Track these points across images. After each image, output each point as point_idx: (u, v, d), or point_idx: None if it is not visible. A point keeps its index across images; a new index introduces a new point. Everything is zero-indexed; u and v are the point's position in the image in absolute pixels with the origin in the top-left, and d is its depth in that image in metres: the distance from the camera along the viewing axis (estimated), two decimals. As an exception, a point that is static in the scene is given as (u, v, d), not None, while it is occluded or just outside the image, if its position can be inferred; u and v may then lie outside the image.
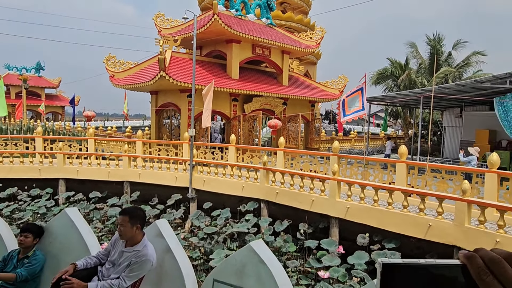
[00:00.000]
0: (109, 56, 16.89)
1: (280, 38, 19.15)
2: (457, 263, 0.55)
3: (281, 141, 12.85)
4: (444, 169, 9.30)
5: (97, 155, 14.78)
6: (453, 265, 0.55)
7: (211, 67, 17.77)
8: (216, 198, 12.78)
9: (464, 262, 0.54)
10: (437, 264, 0.55)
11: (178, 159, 13.94)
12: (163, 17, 19.16)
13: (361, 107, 10.53)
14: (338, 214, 9.70)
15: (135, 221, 3.14)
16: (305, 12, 37.17)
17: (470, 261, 0.53)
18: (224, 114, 17.53)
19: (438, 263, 0.55)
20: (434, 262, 0.55)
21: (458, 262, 0.55)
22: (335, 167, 9.83)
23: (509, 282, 0.50)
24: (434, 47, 28.36)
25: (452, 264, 0.55)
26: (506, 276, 0.50)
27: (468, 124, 21.07)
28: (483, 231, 7.12)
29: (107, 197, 13.61)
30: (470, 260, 0.54)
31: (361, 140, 26.67)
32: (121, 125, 46.46)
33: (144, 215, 3.27)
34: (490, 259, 0.52)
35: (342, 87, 22.32)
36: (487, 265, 0.52)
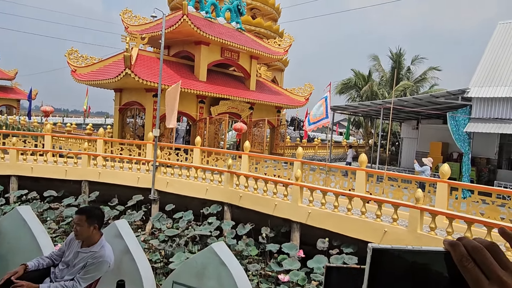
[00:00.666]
0: (71, 50, 16.25)
1: (249, 43, 19.30)
2: (442, 250, 0.58)
3: (246, 145, 12.91)
4: (400, 177, 9.76)
5: (54, 152, 14.12)
6: (438, 251, 0.58)
7: (179, 67, 17.57)
8: (179, 200, 12.61)
9: (448, 249, 0.58)
10: (422, 251, 0.58)
11: (141, 159, 13.63)
12: (130, 14, 18.71)
13: (325, 115, 10.83)
14: (300, 219, 9.88)
15: (92, 221, 3.05)
16: (274, 19, 37.67)
17: (454, 249, 0.57)
18: (190, 115, 17.37)
19: (424, 250, 0.58)
20: (420, 249, 0.58)
21: (442, 249, 0.58)
22: (298, 173, 10.03)
23: (488, 269, 0.54)
24: (396, 61, 29.72)
25: (437, 251, 0.58)
26: (486, 264, 0.55)
27: (423, 136, 22.21)
28: (434, 237, 7.54)
29: (63, 197, 13.03)
30: (454, 247, 0.57)
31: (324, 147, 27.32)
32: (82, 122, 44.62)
33: (103, 215, 3.19)
34: (473, 247, 0.56)
35: (308, 95, 22.80)
36: (469, 253, 0.56)
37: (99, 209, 3.18)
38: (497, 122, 15.05)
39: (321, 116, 10.89)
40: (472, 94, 15.69)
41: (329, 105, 10.74)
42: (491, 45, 17.72)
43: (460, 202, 8.63)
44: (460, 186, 8.90)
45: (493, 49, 17.55)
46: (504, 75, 15.96)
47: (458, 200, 8.65)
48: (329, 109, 10.74)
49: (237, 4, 20.01)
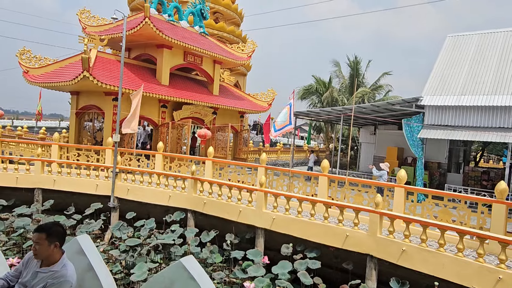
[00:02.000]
0: (23, 50, 15.33)
1: (213, 48, 19.22)
2: None
3: (210, 150, 12.82)
4: (360, 183, 10.12)
5: (3, 158, 13.23)
6: None
7: (140, 71, 17.13)
8: (141, 207, 12.26)
9: None
10: None
11: (100, 165, 13.11)
12: (88, 14, 18.01)
13: (288, 121, 11.01)
14: (264, 225, 9.95)
15: (53, 239, 2.89)
16: (237, 24, 37.83)
17: None
18: (152, 120, 16.96)
19: None
20: None
21: None
22: (263, 179, 10.11)
23: None
24: (354, 69, 30.86)
25: None
26: None
27: (380, 141, 23.21)
28: (392, 240, 7.89)
29: (14, 206, 12.21)
30: None
31: (286, 151, 27.76)
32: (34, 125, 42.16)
33: (64, 232, 3.03)
34: None
35: (270, 100, 23.08)
36: None
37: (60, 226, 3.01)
38: (447, 128, 16.04)
39: (285, 123, 11.06)
40: (424, 102, 16.64)
41: (292, 112, 10.93)
42: (442, 56, 18.91)
43: (416, 205, 9.10)
44: (416, 190, 9.37)
45: (443, 60, 18.74)
46: (453, 84, 17.08)
47: (414, 204, 9.11)
48: (292, 116, 10.93)
49: (200, 8, 19.89)
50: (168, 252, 9.75)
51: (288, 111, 11.03)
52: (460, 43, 19.22)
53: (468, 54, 18.38)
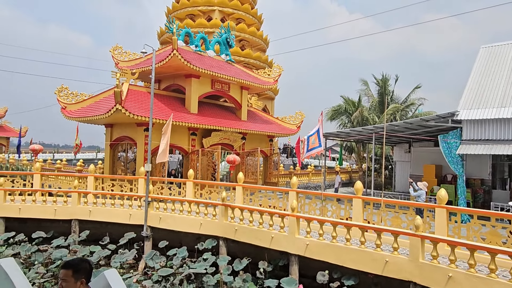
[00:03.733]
0: (61, 87, 16.21)
1: (239, 74, 19.52)
2: None
3: (240, 176, 12.74)
4: (397, 204, 9.61)
5: (43, 191, 13.76)
6: None
7: (170, 101, 17.61)
8: (173, 236, 12.25)
9: None
10: None
11: (133, 195, 13.33)
12: (120, 50, 18.93)
13: (318, 144, 10.79)
14: (298, 251, 9.60)
15: (79, 276, 2.84)
16: (263, 50, 38.53)
17: None
18: (183, 148, 17.23)
19: None
20: None
21: None
22: (294, 203, 9.84)
23: None
24: (382, 86, 30.28)
25: None
26: None
27: (416, 159, 22.29)
28: (437, 266, 7.32)
29: (52, 237, 12.59)
30: None
31: (318, 174, 27.22)
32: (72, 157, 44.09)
33: (90, 268, 2.97)
34: None
35: (299, 123, 22.94)
36: None
37: (86, 261, 2.96)
38: (488, 143, 15.17)
39: (314, 145, 10.84)
40: (461, 116, 15.90)
41: (321, 134, 10.72)
42: (476, 68, 18.18)
43: (460, 227, 8.48)
44: (459, 211, 8.77)
45: (478, 72, 17.99)
46: (491, 96, 16.27)
47: (458, 225, 8.50)
48: (321, 138, 10.71)
49: (226, 37, 20.41)
50: (201, 281, 9.58)
51: (317, 133, 10.83)
52: (495, 54, 18.45)
53: (505, 64, 17.56)
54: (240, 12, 34.38)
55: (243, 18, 34.93)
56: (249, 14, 35.48)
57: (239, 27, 32.52)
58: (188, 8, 34.24)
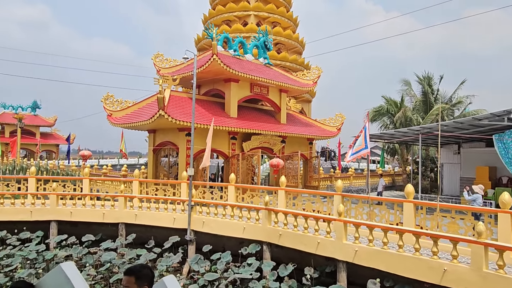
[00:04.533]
0: (107, 95, 16.85)
1: (278, 77, 19.39)
2: None
3: (282, 180, 12.54)
4: (453, 208, 9.00)
5: (91, 195, 14.29)
6: None
7: (210, 105, 17.78)
8: (216, 240, 12.24)
9: None
10: None
11: (176, 199, 13.50)
12: (162, 57, 19.43)
13: (364, 145, 10.38)
14: (346, 258, 9.23)
15: (142, 282, 2.78)
16: (299, 52, 38.22)
17: None
18: (223, 152, 17.31)
19: None
20: None
21: None
22: (341, 208, 9.49)
23: None
24: (428, 84, 28.93)
25: None
26: None
27: (466, 161, 21.01)
28: (503, 276, 6.73)
29: (101, 240, 12.98)
30: None
31: (359, 177, 26.43)
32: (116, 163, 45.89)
33: (153, 275, 2.91)
34: None
35: (339, 125, 22.41)
36: None
37: (148, 268, 2.90)
38: (551, 142, 13.97)
39: (360, 147, 10.44)
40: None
41: (368, 135, 10.30)
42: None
43: (528, 234, 7.78)
44: (525, 216, 8.04)
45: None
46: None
47: (525, 232, 7.80)
48: (368, 139, 10.29)
49: (264, 40, 20.38)
50: (246, 286, 9.44)
51: (363, 134, 10.42)
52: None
53: None
54: (275, 16, 34.36)
55: (278, 21, 34.87)
56: (285, 17, 35.36)
57: (274, 31, 32.47)
58: (224, 14, 34.69)
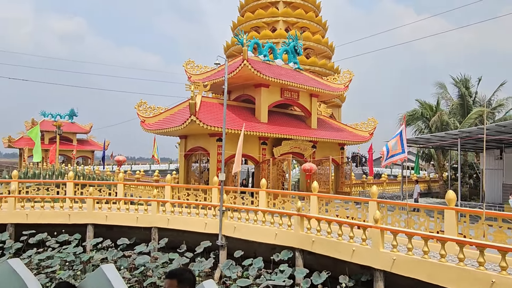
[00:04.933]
0: (140, 102, 17.26)
1: (308, 82, 19.19)
2: None
3: (314, 185, 12.30)
4: (500, 217, 8.46)
5: (126, 200, 14.61)
6: None
7: (240, 111, 17.83)
8: (247, 245, 12.14)
9: None
10: None
11: (208, 204, 13.54)
12: (192, 64, 19.73)
13: (400, 149, 9.99)
14: (383, 266, 8.87)
15: (184, 286, 2.72)
16: (328, 57, 37.78)
17: None
18: (253, 157, 17.27)
19: None
20: None
21: None
22: (378, 214, 9.15)
23: None
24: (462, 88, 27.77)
25: None
26: None
27: (510, 167, 19.86)
28: (561, 290, 6.21)
29: (134, 244, 13.21)
30: None
31: (392, 183, 25.61)
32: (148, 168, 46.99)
33: (194, 279, 2.84)
34: None
35: (372, 129, 21.85)
36: None
37: (190, 272, 2.84)
38: None
39: (396, 151, 10.06)
40: None
41: (404, 139, 9.92)
42: None
43: None
44: None
45: None
46: None
47: None
48: (405, 143, 9.90)
49: (294, 45, 20.27)
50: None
51: (399, 138, 10.05)
52: None
53: None
54: (304, 21, 34.22)
55: (307, 26, 34.69)
56: (314, 22, 35.13)
57: (303, 36, 32.30)
58: (253, 21, 34.91)
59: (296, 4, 34.62)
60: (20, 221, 13.82)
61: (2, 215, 13.74)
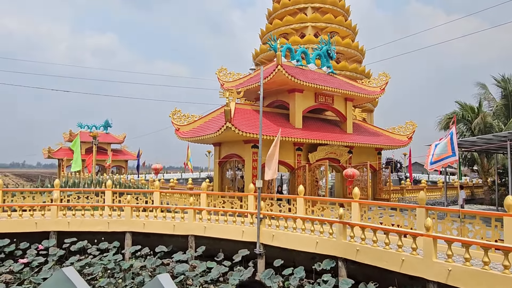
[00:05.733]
0: (175, 111, 17.39)
1: (343, 85, 18.73)
2: None
3: (355, 191, 11.81)
4: None
5: (163, 207, 14.64)
6: None
7: (274, 117, 17.59)
8: (286, 254, 11.77)
9: None
10: None
11: (245, 211, 13.33)
12: (225, 71, 19.75)
13: (451, 152, 9.39)
14: (437, 278, 8.28)
15: None
16: (359, 61, 37.02)
17: None
18: (289, 164, 16.93)
19: None
20: None
21: None
22: (429, 222, 8.59)
23: None
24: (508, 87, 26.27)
25: None
26: None
27: None
28: None
29: (171, 252, 13.16)
30: None
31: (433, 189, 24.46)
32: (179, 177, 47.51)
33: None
34: None
35: (411, 133, 21.00)
36: None
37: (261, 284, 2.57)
38: None
39: (445, 154, 9.46)
40: None
41: (455, 141, 9.31)
42: None
43: None
44: None
45: None
46: None
47: None
48: (455, 145, 9.30)
49: (327, 49, 19.90)
50: (325, 306, 8.84)
51: (449, 140, 9.45)
52: None
53: None
54: (333, 25, 33.75)
55: (336, 30, 34.19)
56: (343, 26, 34.59)
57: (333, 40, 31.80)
58: (281, 28, 34.77)
59: (325, 9, 34.23)
60: (62, 229, 14.12)
61: (46, 222, 14.09)
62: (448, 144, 9.42)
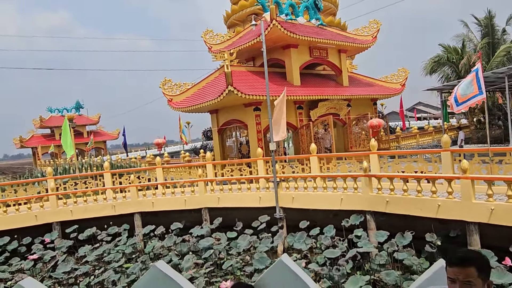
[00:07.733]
0: (164, 80, 16.25)
1: (336, 37, 18.02)
2: None
3: (373, 143, 11.55)
4: None
5: (170, 183, 13.96)
6: None
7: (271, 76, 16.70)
8: (305, 215, 11.48)
9: None
10: None
11: (259, 177, 12.85)
12: (211, 34, 18.49)
13: (478, 91, 9.09)
14: (478, 219, 8.21)
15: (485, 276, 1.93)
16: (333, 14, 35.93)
17: None
18: (291, 123, 16.39)
19: None
20: None
21: None
22: (465, 164, 8.39)
23: None
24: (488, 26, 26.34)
25: None
26: None
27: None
28: None
29: (185, 228, 12.66)
30: None
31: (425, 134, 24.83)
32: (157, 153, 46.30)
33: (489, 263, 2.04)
34: None
35: (403, 80, 20.81)
36: None
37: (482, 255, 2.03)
38: None
39: (472, 94, 9.16)
40: None
41: (481, 79, 8.99)
42: None
43: None
44: None
45: None
46: None
47: None
48: (482, 83, 8.99)
49: (314, 0, 18.90)
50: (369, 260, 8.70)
51: (475, 78, 9.12)
52: None
53: None
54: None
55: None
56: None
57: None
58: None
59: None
60: (65, 218, 13.26)
61: (46, 214, 13.17)
62: (474, 82, 9.10)
